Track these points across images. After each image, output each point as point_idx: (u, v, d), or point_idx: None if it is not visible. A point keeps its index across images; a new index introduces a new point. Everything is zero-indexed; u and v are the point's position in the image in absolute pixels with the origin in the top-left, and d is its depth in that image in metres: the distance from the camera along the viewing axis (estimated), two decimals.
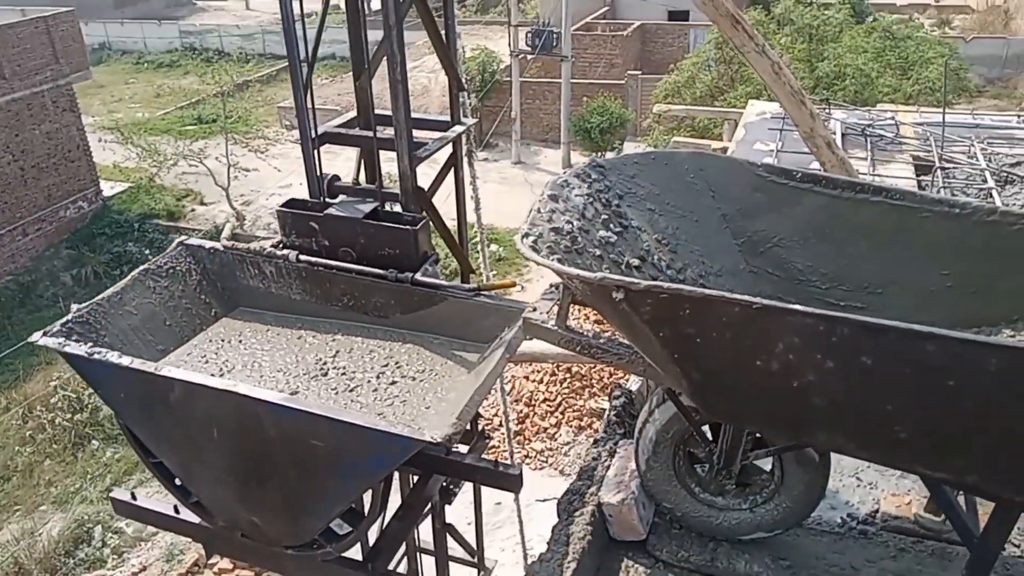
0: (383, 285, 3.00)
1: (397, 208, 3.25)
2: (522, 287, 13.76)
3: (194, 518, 2.94)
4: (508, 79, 20.87)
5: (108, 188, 18.71)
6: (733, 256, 2.56)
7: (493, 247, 14.46)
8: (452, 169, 3.63)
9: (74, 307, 2.82)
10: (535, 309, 2.42)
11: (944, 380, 1.63)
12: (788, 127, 6.51)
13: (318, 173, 3.25)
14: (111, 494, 3.19)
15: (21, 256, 16.36)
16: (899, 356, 1.65)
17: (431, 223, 3.50)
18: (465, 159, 3.90)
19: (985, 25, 30.82)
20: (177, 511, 2.97)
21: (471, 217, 4.22)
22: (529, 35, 20.55)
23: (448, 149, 3.57)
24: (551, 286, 2.50)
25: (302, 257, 3.09)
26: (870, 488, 2.59)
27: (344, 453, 2.43)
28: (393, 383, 2.86)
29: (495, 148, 21.84)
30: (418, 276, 2.95)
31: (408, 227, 2.97)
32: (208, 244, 3.21)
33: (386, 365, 2.94)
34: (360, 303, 3.10)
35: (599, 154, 19.70)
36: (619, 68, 22.53)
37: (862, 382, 1.71)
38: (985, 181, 5.64)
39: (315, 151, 3.23)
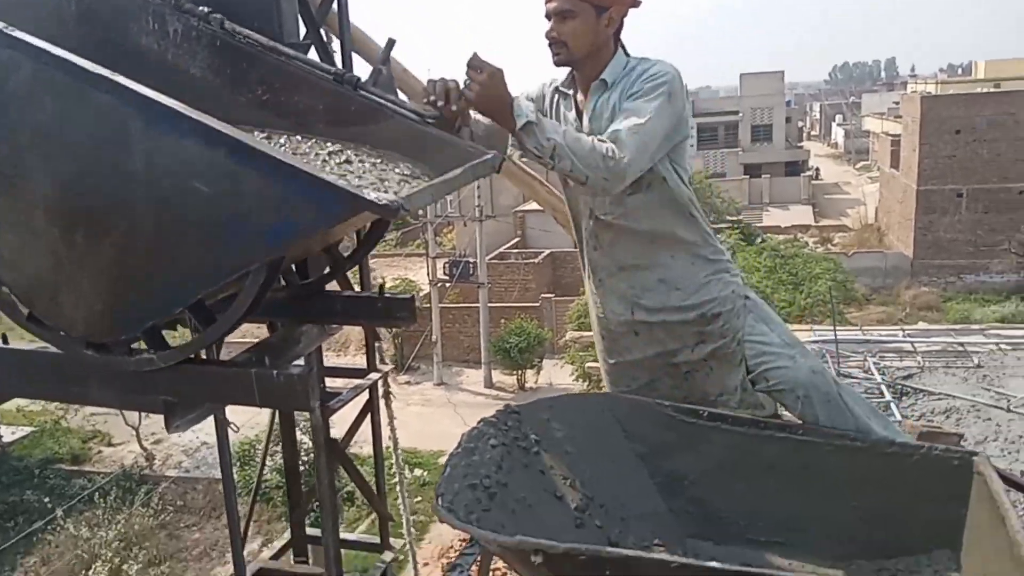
0: (314, 84, 2.35)
1: None
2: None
3: None
4: (428, 305, 21.45)
5: (9, 433, 17.73)
6: (653, 498, 2.56)
7: (417, 471, 14.11)
8: (369, 414, 3.63)
9: None
10: (455, 568, 2.34)
11: None
12: None
13: None
14: None
15: None
16: None
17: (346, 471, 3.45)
18: (382, 401, 3.91)
19: (863, 241, 33.86)
20: None
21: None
22: (447, 265, 21.49)
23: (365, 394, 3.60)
24: (471, 542, 2.44)
25: (228, 23, 2.36)
26: None
27: (241, 206, 1.73)
28: (347, 161, 2.23)
29: (417, 371, 21.96)
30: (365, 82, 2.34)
31: None
32: None
33: (333, 152, 2.29)
34: (278, 99, 2.40)
35: (520, 372, 19.99)
36: (533, 292, 23.52)
37: None
38: (883, 394, 5.94)
39: None
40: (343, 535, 3.57)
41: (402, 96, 2.64)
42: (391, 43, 2.61)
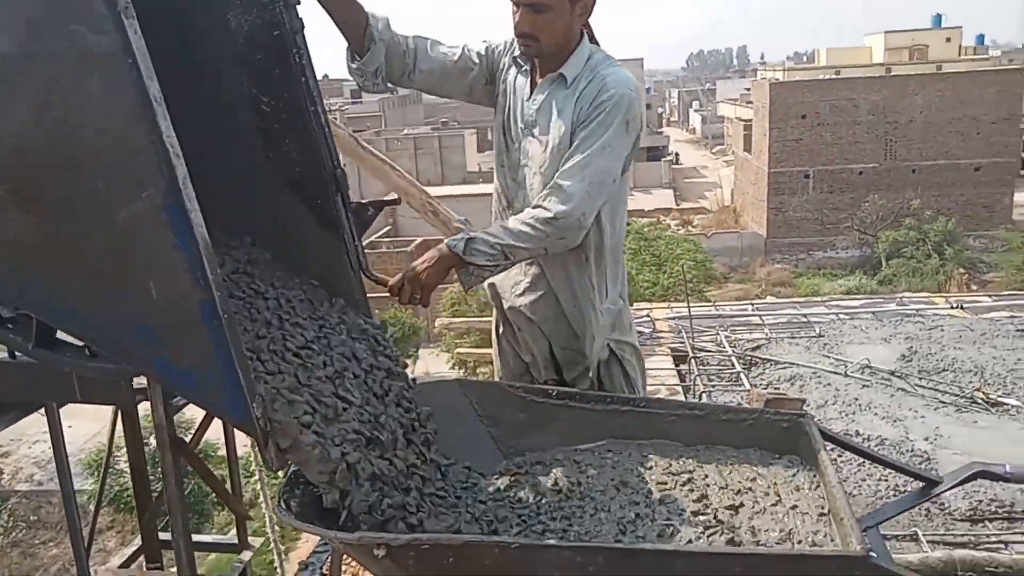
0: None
1: None
2: None
3: None
4: None
5: None
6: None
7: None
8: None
9: None
10: (307, 567, 2.29)
11: None
12: None
13: None
14: None
15: None
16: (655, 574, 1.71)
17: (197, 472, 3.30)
18: None
19: (720, 222, 35.58)
20: None
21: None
22: None
23: None
24: (322, 540, 2.39)
25: None
26: None
27: None
28: None
29: None
30: None
31: None
32: None
33: None
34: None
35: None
36: None
37: None
38: (733, 365, 6.26)
39: None
40: (198, 537, 3.42)
41: None
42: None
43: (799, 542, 1.83)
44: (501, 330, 2.80)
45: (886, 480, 4.25)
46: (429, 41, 2.53)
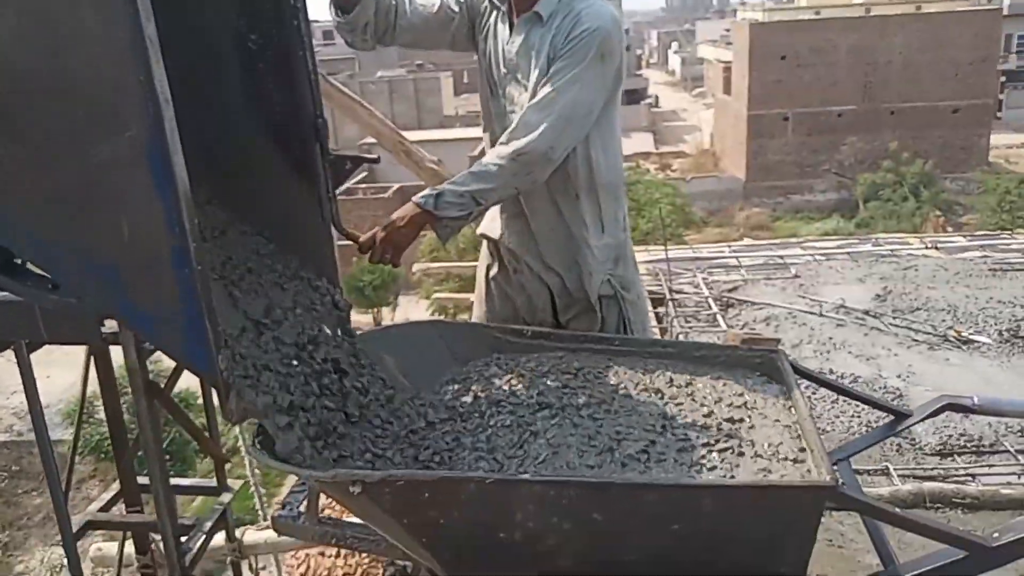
0: None
1: None
2: None
3: None
4: None
5: None
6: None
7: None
8: None
9: None
10: (284, 506, 2.29)
11: (669, 525, 1.73)
12: None
13: None
14: None
15: None
16: (625, 509, 1.73)
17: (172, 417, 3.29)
18: None
19: (700, 166, 35.52)
20: None
21: None
22: None
23: None
24: (300, 480, 2.39)
25: None
26: None
27: None
28: None
29: None
30: None
31: None
32: None
33: None
34: None
35: (376, 311, 19.82)
36: None
37: (598, 538, 1.77)
38: (710, 307, 6.32)
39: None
40: (177, 480, 3.41)
41: None
42: None
43: (784, 459, 1.85)
44: (493, 272, 2.77)
45: (858, 416, 4.34)
46: None
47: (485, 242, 2.78)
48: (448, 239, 2.38)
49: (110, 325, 3.01)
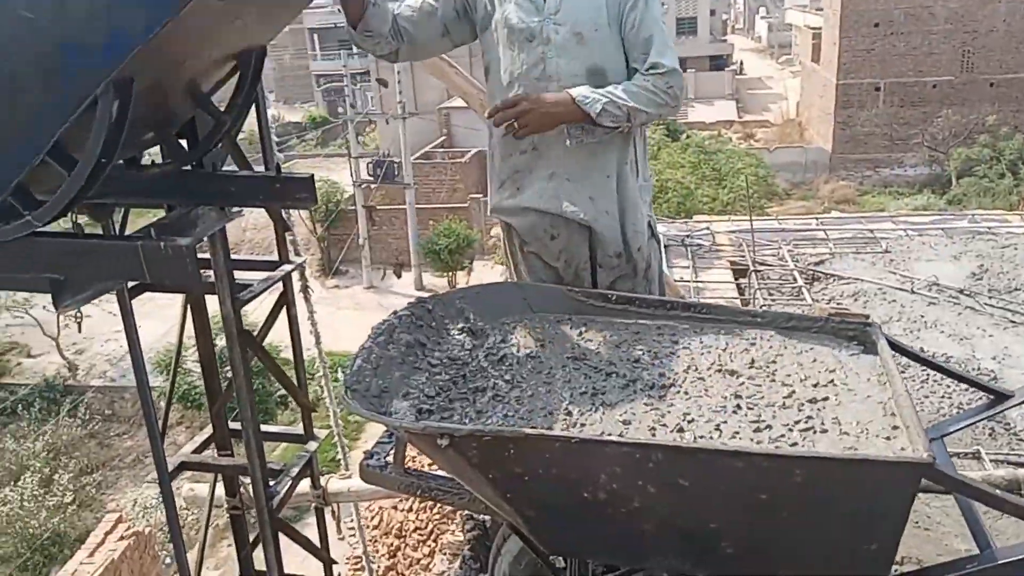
0: None
1: None
2: None
3: None
4: (353, 207, 21.07)
5: None
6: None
7: None
8: (285, 307, 3.55)
9: None
10: (372, 456, 2.36)
11: (756, 494, 1.71)
12: None
13: None
14: None
15: None
16: (712, 476, 1.72)
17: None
18: (300, 295, 3.84)
19: (784, 136, 34.41)
20: None
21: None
22: (370, 166, 20.98)
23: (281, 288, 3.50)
24: (387, 431, 2.45)
25: None
26: None
27: (70, 27, 1.70)
28: None
29: (345, 275, 21.77)
30: None
31: None
32: None
33: None
34: None
35: (451, 274, 20.04)
36: (461, 192, 23.29)
37: (683, 503, 1.76)
38: (795, 280, 6.16)
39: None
40: (266, 427, 3.55)
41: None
42: None
43: (873, 437, 1.80)
44: (528, 248, 2.70)
45: (949, 398, 4.19)
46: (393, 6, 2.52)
47: (507, 227, 2.73)
48: (576, 144, 2.43)
49: (206, 274, 3.14)
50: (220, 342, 3.38)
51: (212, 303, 3.32)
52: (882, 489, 1.68)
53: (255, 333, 3.31)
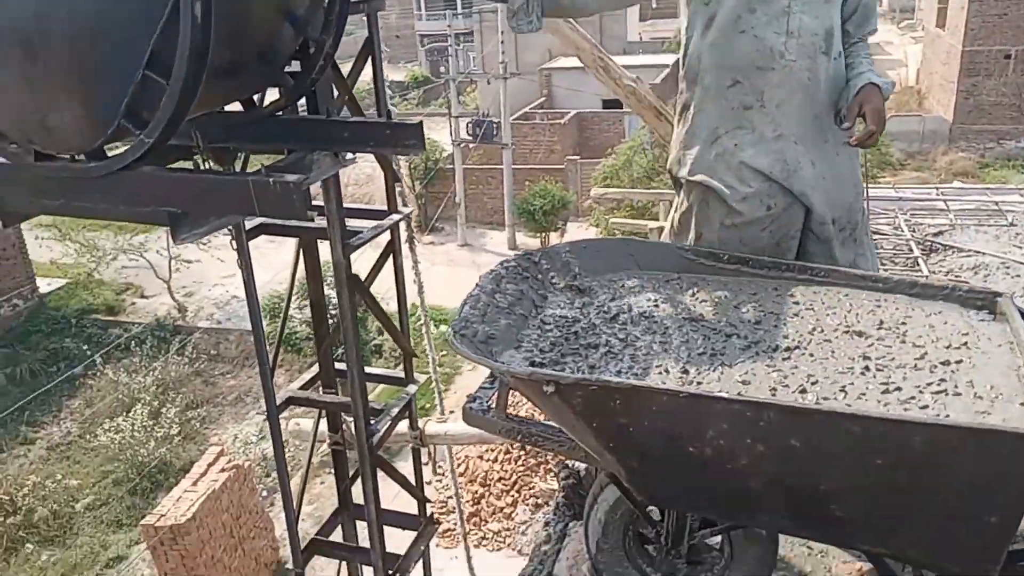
0: None
1: None
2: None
3: None
4: (451, 166, 21.23)
5: (45, 285, 18.25)
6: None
7: (443, 327, 14.49)
8: (391, 256, 3.64)
9: None
10: (475, 400, 2.40)
11: (872, 458, 1.65)
12: None
13: None
14: None
15: None
16: (825, 437, 1.67)
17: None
18: (406, 245, 3.92)
19: (901, 104, 32.62)
20: None
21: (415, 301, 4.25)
22: (470, 125, 21.07)
23: (387, 238, 3.59)
24: (489, 377, 2.49)
25: None
26: (821, 556, 2.57)
27: None
28: None
29: (441, 232, 22.05)
30: None
31: None
32: None
33: None
34: None
35: (544, 235, 20.03)
36: (558, 154, 23.13)
37: (793, 464, 1.72)
38: (911, 251, 5.87)
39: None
40: (369, 369, 3.68)
41: None
42: None
43: (1008, 402, 1.71)
44: (730, 222, 2.54)
45: None
46: None
47: (705, 194, 2.58)
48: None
49: (319, 222, 3.24)
50: (328, 289, 3.50)
51: (323, 250, 3.44)
52: (1008, 460, 1.59)
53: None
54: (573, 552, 2.43)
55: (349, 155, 3.05)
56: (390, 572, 3.49)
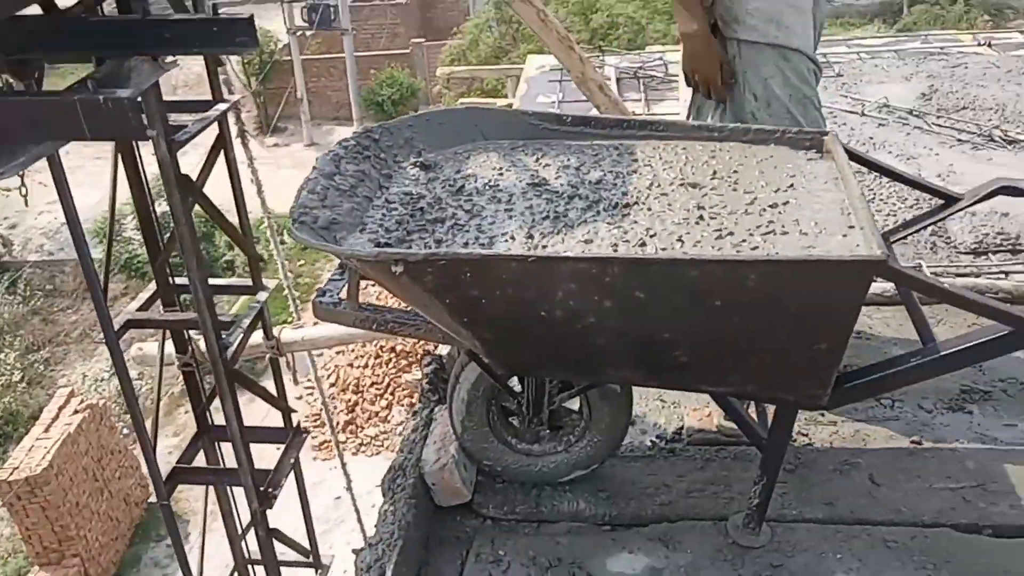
0: None
1: None
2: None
3: None
4: (288, 58, 20.05)
5: None
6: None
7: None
8: (223, 152, 3.39)
9: None
10: (324, 293, 2.31)
11: (710, 301, 1.71)
12: (567, 78, 6.70)
13: None
14: None
15: None
16: (667, 286, 1.71)
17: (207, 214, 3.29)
18: (237, 140, 3.66)
19: None
20: None
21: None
22: (305, 11, 19.75)
23: (214, 131, 3.32)
24: (338, 268, 2.40)
25: None
26: (674, 407, 2.72)
27: None
28: None
29: (284, 132, 21.00)
30: None
31: None
32: None
33: None
34: None
35: None
36: (403, 37, 22.25)
37: (639, 315, 1.77)
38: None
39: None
40: (213, 281, 3.49)
41: None
42: None
43: (830, 235, 1.80)
44: None
45: (894, 216, 4.25)
46: None
47: None
48: None
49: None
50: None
51: (147, 158, 3.16)
52: (835, 288, 1.69)
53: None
54: (440, 435, 2.44)
55: (171, 58, 2.78)
56: (261, 488, 3.42)
